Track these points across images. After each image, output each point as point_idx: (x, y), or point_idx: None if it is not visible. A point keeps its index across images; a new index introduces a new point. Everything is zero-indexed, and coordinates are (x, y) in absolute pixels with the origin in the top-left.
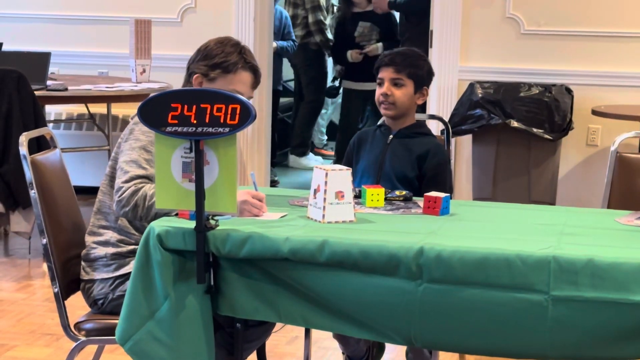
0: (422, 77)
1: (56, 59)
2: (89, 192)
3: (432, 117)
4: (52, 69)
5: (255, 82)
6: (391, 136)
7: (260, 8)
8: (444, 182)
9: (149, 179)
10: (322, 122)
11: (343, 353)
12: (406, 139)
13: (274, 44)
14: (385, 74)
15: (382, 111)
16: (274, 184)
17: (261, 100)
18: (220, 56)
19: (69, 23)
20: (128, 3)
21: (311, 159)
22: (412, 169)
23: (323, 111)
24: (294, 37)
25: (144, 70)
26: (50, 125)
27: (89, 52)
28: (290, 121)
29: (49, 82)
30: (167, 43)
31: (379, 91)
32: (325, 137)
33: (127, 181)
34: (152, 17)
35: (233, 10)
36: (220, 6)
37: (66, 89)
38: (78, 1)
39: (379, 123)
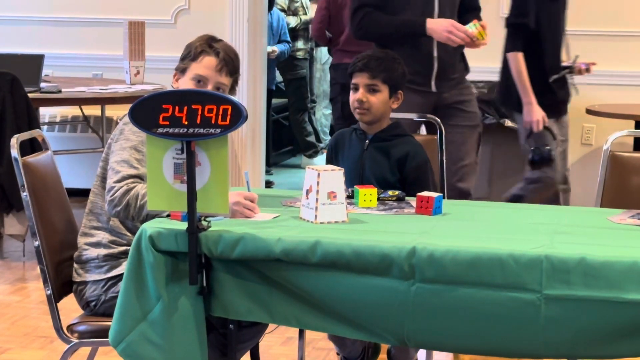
0: (397, 81)
1: (50, 61)
2: (83, 194)
3: (425, 117)
4: (46, 71)
5: (219, 65)
6: (367, 141)
7: (254, 9)
8: (427, 183)
9: (140, 178)
10: (325, 122)
11: (338, 354)
12: (383, 143)
13: (275, 49)
14: (360, 79)
15: (357, 117)
16: (268, 184)
17: (255, 101)
18: (189, 47)
19: (63, 25)
20: (121, 5)
21: (315, 161)
22: (392, 174)
23: (327, 112)
24: (289, 39)
25: (138, 72)
26: (45, 127)
27: (82, 54)
28: (286, 122)
29: (42, 85)
30: (161, 45)
31: (353, 97)
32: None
33: (118, 181)
34: (145, 18)
35: (227, 12)
36: (214, 7)
37: (60, 91)
38: (71, 3)
39: (354, 126)
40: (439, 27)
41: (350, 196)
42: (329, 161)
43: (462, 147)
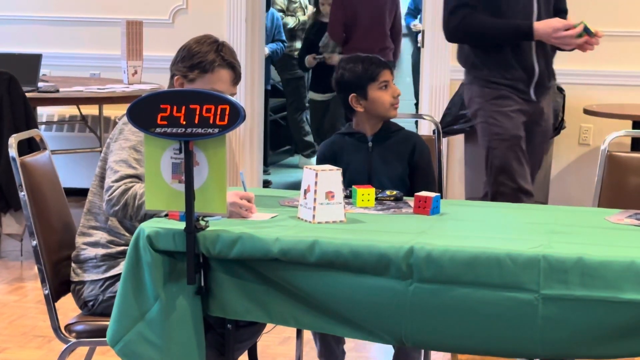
0: None
1: (48, 60)
2: (81, 194)
3: (422, 117)
4: (43, 70)
5: (235, 79)
6: (370, 143)
7: (252, 9)
8: (432, 170)
9: (138, 178)
10: None
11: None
12: (387, 140)
13: (265, 49)
14: (388, 76)
15: (393, 112)
16: (266, 184)
17: (253, 101)
18: (198, 56)
19: (61, 25)
20: (119, 4)
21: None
22: (403, 168)
23: None
24: (283, 38)
25: (136, 72)
26: (42, 127)
27: (80, 53)
28: (283, 122)
29: (40, 84)
30: (159, 44)
31: (389, 93)
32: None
33: (117, 180)
34: (143, 18)
35: (225, 11)
36: (211, 7)
37: (57, 91)
38: (69, 3)
39: (347, 130)
40: (547, 29)
41: (348, 196)
42: None
43: (523, 166)
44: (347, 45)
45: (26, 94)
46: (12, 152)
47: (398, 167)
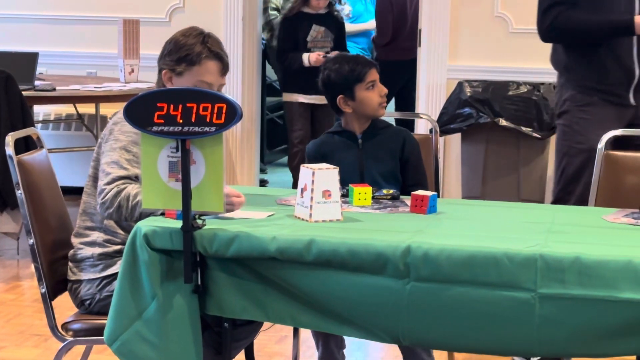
0: None
1: (44, 59)
2: (78, 193)
3: (419, 116)
4: (40, 69)
5: (223, 69)
6: (360, 140)
7: (248, 8)
8: (424, 168)
9: (131, 179)
10: None
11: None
12: (376, 137)
13: None
14: (375, 75)
15: (381, 111)
16: (263, 183)
17: (250, 99)
18: (185, 49)
19: (57, 23)
20: (116, 3)
21: None
22: (395, 164)
23: None
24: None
25: (133, 70)
26: (39, 125)
27: (77, 52)
28: (280, 121)
29: (37, 83)
30: (156, 43)
31: (376, 93)
32: None
33: (109, 183)
34: (140, 17)
35: (222, 10)
36: (208, 6)
37: (54, 89)
38: (66, 1)
39: (335, 129)
40: None
41: (344, 195)
42: None
43: None
44: (391, 45)
45: (23, 92)
46: (9, 150)
47: (389, 163)
